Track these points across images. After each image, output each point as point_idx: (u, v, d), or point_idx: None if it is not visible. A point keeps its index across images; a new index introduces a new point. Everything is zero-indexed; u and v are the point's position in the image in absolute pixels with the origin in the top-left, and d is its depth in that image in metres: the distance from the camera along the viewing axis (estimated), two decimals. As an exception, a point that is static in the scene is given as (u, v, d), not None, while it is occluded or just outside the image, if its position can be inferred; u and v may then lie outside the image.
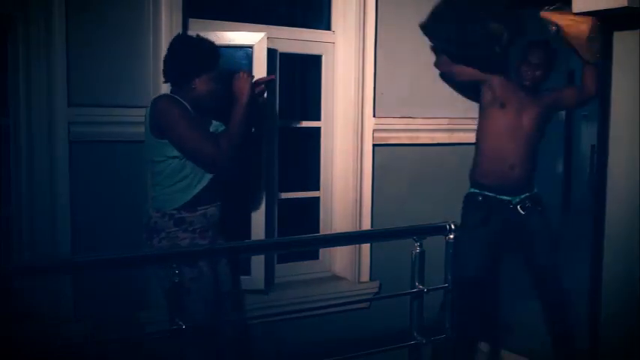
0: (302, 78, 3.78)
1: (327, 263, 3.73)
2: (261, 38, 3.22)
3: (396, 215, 3.62)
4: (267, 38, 3.24)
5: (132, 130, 2.90)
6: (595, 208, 3.34)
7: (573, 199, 7.45)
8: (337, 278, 3.69)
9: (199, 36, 2.81)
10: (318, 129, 3.66)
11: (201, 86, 2.75)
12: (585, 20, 3.07)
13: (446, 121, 3.80)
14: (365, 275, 3.65)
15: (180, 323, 1.88)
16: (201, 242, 2.77)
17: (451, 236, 2.25)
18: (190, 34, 2.87)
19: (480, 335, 3.75)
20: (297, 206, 3.67)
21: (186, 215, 2.74)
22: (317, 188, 3.68)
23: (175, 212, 2.73)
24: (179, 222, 2.73)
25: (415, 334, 2.22)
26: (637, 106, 3.12)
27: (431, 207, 3.68)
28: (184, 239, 2.73)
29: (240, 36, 3.23)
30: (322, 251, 3.71)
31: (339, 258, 3.70)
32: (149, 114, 2.71)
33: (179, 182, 2.73)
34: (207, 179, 2.77)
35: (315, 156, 3.67)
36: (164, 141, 2.68)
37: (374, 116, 3.61)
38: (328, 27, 3.63)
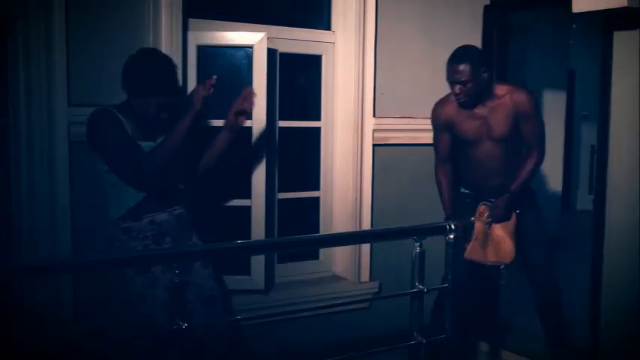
0: (302, 78, 3.78)
1: (327, 263, 3.73)
2: (261, 38, 3.22)
3: (396, 215, 3.62)
4: (267, 38, 3.24)
5: (132, 130, 2.89)
6: (595, 208, 3.34)
7: (573, 199, 7.46)
8: (337, 278, 3.69)
9: (163, 56, 2.73)
10: (318, 129, 3.66)
11: (139, 106, 2.67)
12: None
13: (446, 121, 3.80)
14: (365, 275, 3.65)
15: (180, 323, 1.88)
16: (156, 248, 2.71)
17: (451, 236, 2.25)
18: (152, 53, 2.76)
19: (481, 335, 3.75)
20: (297, 206, 3.67)
21: (132, 224, 2.70)
22: (317, 188, 3.68)
23: (120, 222, 2.71)
24: (127, 231, 2.70)
25: (415, 334, 2.22)
26: (637, 106, 3.12)
27: (431, 207, 3.67)
28: (135, 247, 2.69)
29: (240, 36, 3.24)
30: (322, 251, 3.71)
31: (339, 258, 3.70)
32: (86, 127, 2.68)
33: (120, 194, 2.70)
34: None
35: (315, 156, 3.67)
36: (96, 154, 2.68)
37: (374, 116, 3.61)
38: (328, 27, 3.63)
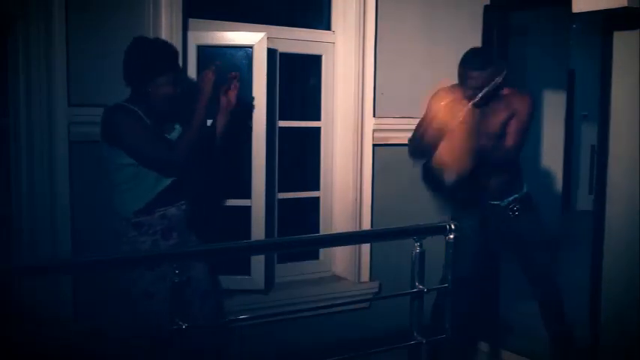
0: (302, 78, 3.78)
1: (327, 263, 3.73)
2: (261, 38, 3.22)
3: (396, 215, 3.62)
4: (267, 38, 3.24)
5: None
6: (595, 208, 3.34)
7: (573, 199, 7.46)
8: (337, 278, 3.69)
9: (158, 39, 2.78)
10: (318, 129, 3.66)
11: (155, 91, 2.68)
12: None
13: (446, 121, 3.80)
14: (365, 275, 3.65)
15: (180, 323, 1.88)
16: (164, 243, 2.73)
17: (451, 236, 2.24)
18: (147, 38, 2.81)
19: (481, 335, 3.75)
20: (297, 206, 3.67)
21: (143, 219, 2.71)
22: (317, 188, 3.68)
23: (132, 217, 2.71)
24: (137, 226, 2.71)
25: (415, 334, 2.22)
26: (637, 106, 3.12)
27: (431, 207, 3.68)
28: (144, 242, 2.70)
29: (240, 36, 3.24)
30: (322, 251, 3.71)
31: (339, 258, 3.70)
32: (101, 123, 2.69)
33: (135, 188, 2.71)
34: (164, 183, 2.75)
35: (315, 156, 3.67)
36: (117, 149, 2.67)
37: (374, 116, 3.61)
38: (328, 27, 3.63)
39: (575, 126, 7.37)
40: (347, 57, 3.57)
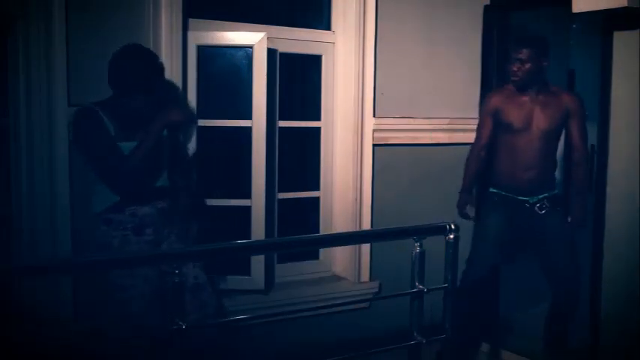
0: (302, 78, 3.78)
1: (327, 263, 3.73)
2: (261, 38, 3.22)
3: (396, 215, 3.62)
4: (267, 38, 3.24)
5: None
6: (595, 208, 3.34)
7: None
8: (337, 278, 3.69)
9: (148, 51, 2.78)
10: (318, 129, 3.66)
11: (129, 103, 2.72)
12: None
13: (446, 121, 3.80)
14: (365, 275, 3.65)
15: (180, 323, 1.88)
16: (136, 239, 2.75)
17: (451, 236, 2.24)
18: (138, 49, 2.76)
19: (481, 335, 3.75)
20: (297, 206, 3.67)
21: (113, 216, 2.74)
22: (317, 188, 3.68)
23: (103, 213, 2.75)
24: (107, 222, 2.75)
25: (415, 334, 2.22)
26: (637, 106, 3.12)
27: (431, 207, 3.68)
28: (115, 237, 2.74)
29: (240, 36, 3.24)
30: (322, 251, 3.71)
31: (339, 258, 3.70)
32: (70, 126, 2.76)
33: (104, 187, 2.74)
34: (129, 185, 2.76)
35: (315, 156, 3.67)
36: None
37: (374, 116, 3.61)
38: (328, 27, 3.63)
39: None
40: (347, 57, 3.57)
